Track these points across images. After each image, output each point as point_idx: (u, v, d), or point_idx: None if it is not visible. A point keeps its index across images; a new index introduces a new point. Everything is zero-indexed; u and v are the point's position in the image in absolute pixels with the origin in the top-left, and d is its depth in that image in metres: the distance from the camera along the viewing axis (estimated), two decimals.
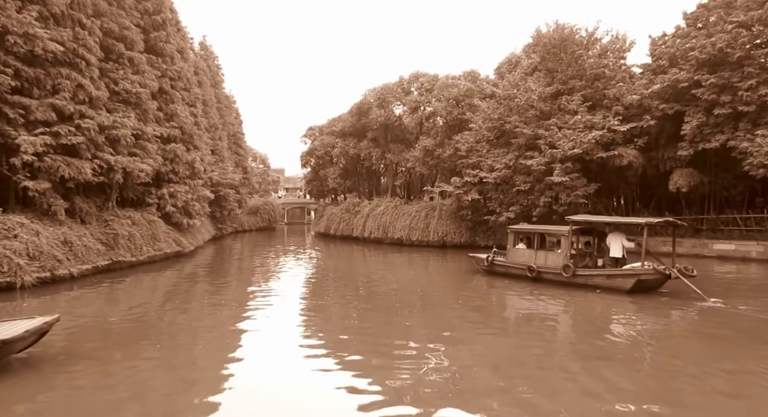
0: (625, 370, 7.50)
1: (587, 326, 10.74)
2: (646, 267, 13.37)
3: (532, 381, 7.07)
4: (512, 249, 17.14)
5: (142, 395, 6.60)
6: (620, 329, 10.25)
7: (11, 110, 16.13)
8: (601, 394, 6.52)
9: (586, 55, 26.25)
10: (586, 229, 15.91)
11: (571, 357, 8.23)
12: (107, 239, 19.67)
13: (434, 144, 34.60)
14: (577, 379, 7.10)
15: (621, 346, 8.97)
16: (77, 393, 6.69)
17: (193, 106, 30.87)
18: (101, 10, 20.71)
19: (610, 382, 6.98)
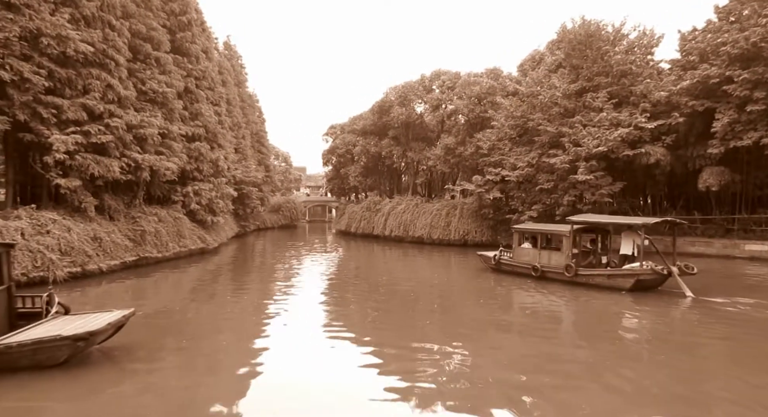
0: (645, 369, 7.36)
1: (598, 325, 10.84)
2: (644, 267, 13.70)
3: (551, 382, 6.98)
4: (517, 248, 17.50)
5: (177, 389, 6.77)
6: (630, 328, 10.54)
7: (45, 110, 16.66)
8: (625, 393, 6.41)
9: (613, 51, 25.70)
10: (589, 228, 16.09)
11: (589, 354, 8.12)
12: (134, 236, 20.16)
13: (456, 142, 34.40)
14: (600, 378, 6.99)
15: (631, 345, 8.81)
16: (156, 383, 7.05)
17: (218, 105, 31.36)
18: (130, 11, 21.20)
19: (632, 381, 6.86)
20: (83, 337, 7.08)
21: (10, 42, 15.01)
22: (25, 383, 6.71)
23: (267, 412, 6.07)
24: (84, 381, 6.94)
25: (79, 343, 7.14)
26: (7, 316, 7.91)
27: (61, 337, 6.91)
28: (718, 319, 11.13)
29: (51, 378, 6.89)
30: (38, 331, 7.33)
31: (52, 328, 7.43)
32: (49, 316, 8.07)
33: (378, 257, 26.54)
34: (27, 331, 7.28)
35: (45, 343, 6.88)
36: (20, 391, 6.51)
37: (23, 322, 7.84)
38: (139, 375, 7.24)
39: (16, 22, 15.19)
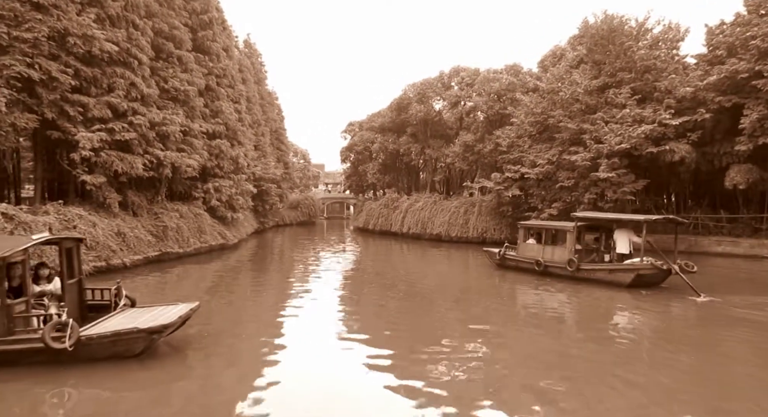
0: (658, 366, 7.23)
1: (603, 322, 10.87)
2: (644, 262, 13.86)
3: (568, 379, 6.91)
4: (522, 244, 17.87)
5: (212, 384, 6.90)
6: (627, 324, 10.65)
7: (71, 108, 17.11)
8: (643, 391, 6.31)
9: (636, 46, 25.14)
10: (593, 225, 16.36)
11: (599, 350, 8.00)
12: (157, 231, 20.57)
13: (474, 139, 34.16)
14: (617, 377, 6.89)
15: (641, 343, 8.66)
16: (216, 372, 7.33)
17: (238, 102, 31.72)
18: (153, 10, 21.57)
19: (648, 377, 6.74)
20: (158, 329, 7.29)
21: (39, 42, 15.42)
22: (105, 373, 6.92)
23: (291, 410, 6.13)
24: (157, 371, 7.16)
25: (154, 336, 7.37)
26: (78, 308, 8.14)
27: (138, 329, 7.10)
28: (724, 318, 11.02)
29: (128, 369, 7.08)
30: (112, 323, 7.52)
31: (125, 320, 7.62)
32: (118, 308, 8.28)
33: (396, 254, 26.57)
34: (101, 323, 7.47)
35: (123, 335, 7.08)
36: (101, 381, 6.72)
37: (93, 314, 8.06)
38: (201, 368, 7.45)
39: (44, 23, 15.59)
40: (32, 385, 6.50)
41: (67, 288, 8.00)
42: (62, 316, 6.86)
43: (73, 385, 6.57)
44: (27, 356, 6.89)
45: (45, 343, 6.56)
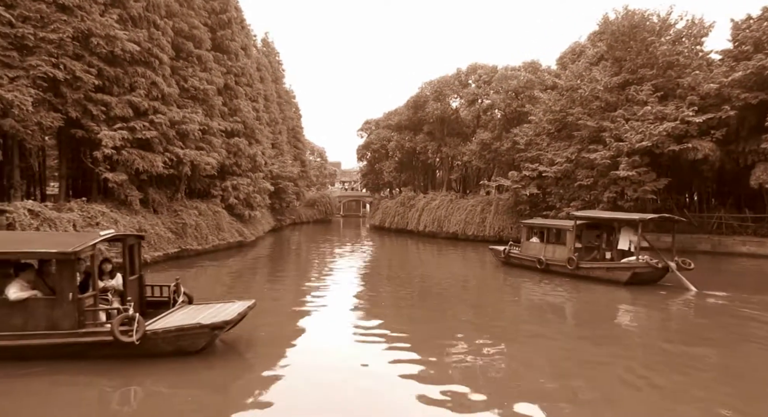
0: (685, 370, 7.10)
1: (603, 319, 10.87)
2: (640, 261, 14.21)
3: (588, 380, 6.83)
4: (525, 242, 18.25)
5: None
6: (631, 322, 10.51)
7: (94, 107, 17.47)
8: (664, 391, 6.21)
9: (659, 42, 24.63)
10: (594, 224, 16.67)
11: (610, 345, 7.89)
12: (176, 228, 20.90)
13: (492, 137, 33.91)
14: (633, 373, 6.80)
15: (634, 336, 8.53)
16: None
17: (255, 101, 32.03)
18: (173, 10, 21.89)
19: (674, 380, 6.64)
20: (220, 326, 7.36)
21: (63, 42, 15.77)
22: (168, 368, 7.01)
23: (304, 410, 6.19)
24: (219, 368, 7.19)
25: (216, 332, 7.47)
26: (138, 304, 8.26)
27: (201, 325, 7.19)
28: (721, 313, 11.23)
29: (190, 364, 7.15)
30: (173, 319, 7.61)
31: (185, 316, 7.70)
32: (177, 305, 8.38)
33: (411, 253, 26.54)
34: (162, 319, 7.59)
35: (187, 331, 7.18)
36: (165, 376, 6.80)
37: (152, 310, 8.19)
38: (260, 365, 7.47)
39: (69, 23, 15.94)
40: (100, 378, 6.63)
41: (128, 284, 8.17)
42: (129, 310, 6.99)
43: (139, 381, 6.66)
44: (95, 349, 7.04)
45: (114, 336, 6.69)
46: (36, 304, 6.92)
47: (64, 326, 6.87)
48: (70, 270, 6.94)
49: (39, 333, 6.83)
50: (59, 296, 6.89)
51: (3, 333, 6.79)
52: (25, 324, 6.85)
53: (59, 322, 6.86)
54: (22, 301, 6.85)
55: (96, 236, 7.47)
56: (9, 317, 6.83)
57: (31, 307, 6.89)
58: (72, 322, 6.88)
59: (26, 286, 7.06)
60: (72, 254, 6.77)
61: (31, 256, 7.29)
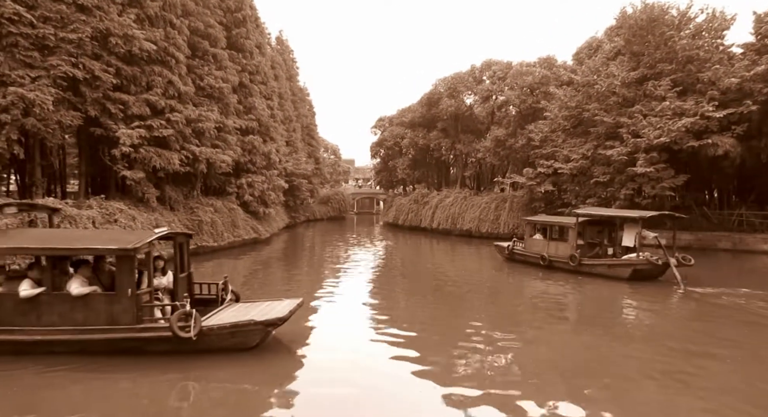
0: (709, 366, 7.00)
1: (602, 312, 10.76)
2: (640, 257, 14.51)
3: (606, 378, 6.77)
4: (529, 239, 18.54)
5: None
6: (636, 318, 10.42)
7: (113, 106, 17.76)
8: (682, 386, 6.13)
9: (678, 36, 24.13)
10: (596, 221, 16.84)
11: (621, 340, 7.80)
12: (192, 225, 21.17)
13: (506, 134, 33.65)
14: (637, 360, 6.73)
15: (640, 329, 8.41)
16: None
17: (270, 99, 32.22)
18: (189, 9, 22.12)
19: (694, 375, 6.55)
20: (274, 322, 7.45)
21: (83, 42, 16.05)
22: (223, 364, 7.09)
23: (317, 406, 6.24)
24: (271, 364, 7.28)
25: (270, 329, 7.58)
26: (188, 302, 8.34)
27: (255, 322, 7.26)
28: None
29: (244, 360, 7.24)
30: (224, 316, 7.67)
31: (236, 314, 7.75)
32: (226, 302, 8.44)
33: (425, 250, 26.51)
34: (214, 316, 7.64)
35: (241, 327, 7.25)
36: (221, 372, 6.88)
37: (200, 308, 8.24)
38: (313, 361, 7.49)
39: (88, 24, 16.22)
40: (159, 373, 6.74)
41: (178, 281, 8.30)
42: (186, 306, 7.09)
43: (195, 375, 6.77)
44: (153, 344, 7.16)
45: (173, 331, 6.79)
46: (96, 300, 7.08)
47: (123, 321, 7.00)
48: (130, 266, 7.06)
49: (99, 328, 6.97)
50: (118, 292, 7.04)
51: (65, 327, 6.96)
52: (85, 319, 7.00)
53: (118, 317, 7.01)
54: (83, 297, 7.01)
55: (151, 234, 7.58)
56: (70, 312, 6.99)
57: (92, 302, 7.05)
58: (131, 317, 7.01)
59: (85, 281, 7.21)
60: (132, 251, 6.90)
61: (93, 252, 7.47)
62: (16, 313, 6.97)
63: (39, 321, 6.97)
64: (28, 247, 7.39)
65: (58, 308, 7.00)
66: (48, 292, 7.01)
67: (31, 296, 6.92)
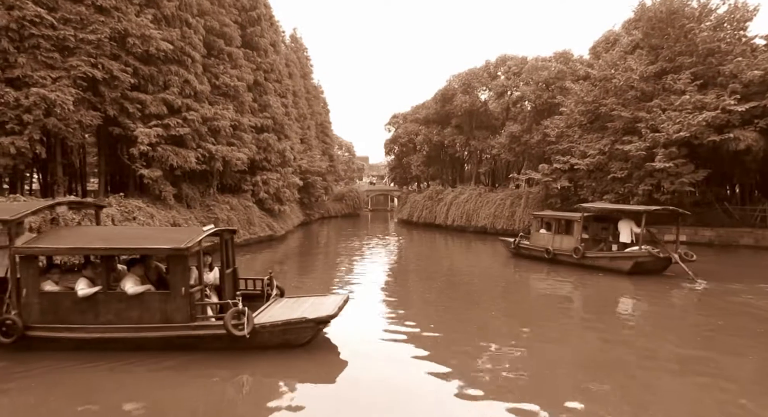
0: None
1: (605, 305, 10.68)
2: (642, 251, 14.66)
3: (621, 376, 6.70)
4: (535, 233, 18.89)
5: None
6: (634, 311, 10.52)
7: (131, 105, 18.05)
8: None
9: (698, 29, 23.58)
10: (601, 216, 17.29)
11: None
12: (209, 222, 21.41)
13: (521, 130, 33.34)
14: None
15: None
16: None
17: (284, 97, 32.40)
18: (204, 9, 22.33)
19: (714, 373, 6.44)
20: (326, 320, 7.50)
21: (101, 43, 16.33)
22: (275, 362, 7.14)
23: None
24: (321, 361, 7.28)
25: (321, 326, 7.64)
26: (233, 297, 8.34)
27: (307, 319, 7.30)
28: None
29: (296, 357, 7.27)
30: (273, 312, 7.72)
31: (283, 310, 7.81)
32: (272, 298, 8.49)
33: (440, 247, 26.45)
34: (263, 313, 7.67)
35: (293, 325, 7.29)
36: (274, 369, 6.94)
37: (246, 304, 8.20)
38: (359, 359, 7.43)
39: (106, 24, 16.49)
40: (214, 371, 6.77)
41: (225, 277, 8.39)
42: (239, 304, 7.12)
43: (250, 372, 6.83)
44: (206, 342, 7.22)
45: (227, 329, 6.83)
46: (150, 298, 7.18)
47: (177, 319, 7.09)
48: (183, 265, 7.12)
49: (154, 326, 7.09)
50: (172, 290, 7.12)
51: (122, 325, 7.10)
52: (140, 317, 7.12)
53: (172, 315, 7.09)
54: (138, 295, 7.13)
55: (201, 231, 7.62)
56: (126, 310, 7.12)
57: (146, 300, 7.15)
58: (185, 315, 7.09)
59: (138, 280, 7.34)
60: (185, 250, 6.95)
61: (150, 252, 7.58)
62: (74, 311, 7.13)
63: (96, 319, 7.12)
64: (89, 247, 7.46)
65: (114, 306, 7.14)
66: (104, 290, 7.16)
67: (88, 295, 7.08)
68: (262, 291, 8.70)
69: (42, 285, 7.29)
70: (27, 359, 6.96)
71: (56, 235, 7.95)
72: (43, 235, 7.88)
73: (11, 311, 7.12)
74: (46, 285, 7.36)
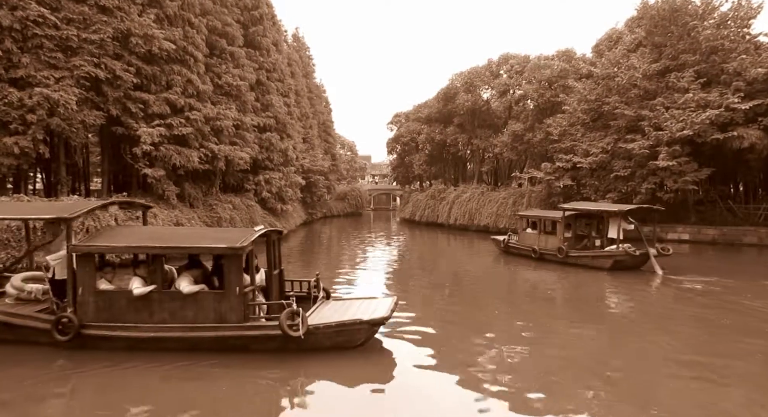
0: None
1: (592, 301, 10.64)
2: (619, 249, 15.52)
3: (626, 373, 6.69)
4: (522, 232, 19.42)
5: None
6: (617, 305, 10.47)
7: (133, 105, 18.09)
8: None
9: (702, 26, 23.50)
10: (583, 214, 17.69)
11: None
12: (212, 222, 21.48)
13: (524, 128, 33.28)
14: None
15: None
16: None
17: (287, 96, 32.43)
18: (207, 8, 22.37)
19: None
20: (380, 321, 7.38)
21: (104, 43, 16.38)
22: (329, 363, 7.02)
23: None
24: (376, 363, 7.20)
25: (375, 328, 7.51)
26: (279, 299, 8.25)
27: (361, 321, 7.20)
28: None
29: (350, 359, 7.17)
30: (323, 314, 7.62)
31: (335, 312, 7.72)
32: (319, 300, 8.36)
33: (442, 245, 26.43)
34: (313, 314, 7.56)
35: (348, 326, 7.19)
36: (327, 371, 6.80)
37: None
38: (414, 360, 7.32)
39: (109, 24, 16.55)
40: (267, 372, 6.74)
41: (272, 278, 8.30)
42: (292, 305, 7.07)
43: (304, 373, 6.78)
44: (259, 343, 7.15)
45: (283, 330, 6.75)
46: (205, 298, 7.14)
47: (231, 320, 7.03)
48: (238, 265, 7.05)
49: (209, 326, 7.04)
50: (227, 290, 7.07)
51: (176, 325, 7.07)
52: (195, 317, 7.09)
53: (226, 315, 7.04)
54: (192, 295, 7.11)
55: (253, 231, 7.60)
56: (180, 310, 7.10)
57: (201, 300, 7.12)
58: (239, 315, 7.03)
59: (191, 280, 7.32)
60: (240, 249, 6.92)
61: (205, 251, 7.52)
62: (129, 309, 7.12)
63: (151, 318, 7.11)
64: (146, 245, 7.37)
65: (168, 306, 7.12)
66: (158, 289, 7.15)
67: (143, 294, 7.08)
68: (308, 293, 8.56)
69: (97, 283, 7.29)
70: (81, 358, 6.96)
71: (111, 233, 7.87)
72: (98, 233, 7.85)
73: (67, 309, 7.15)
74: (100, 283, 7.37)
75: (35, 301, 7.93)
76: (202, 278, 7.58)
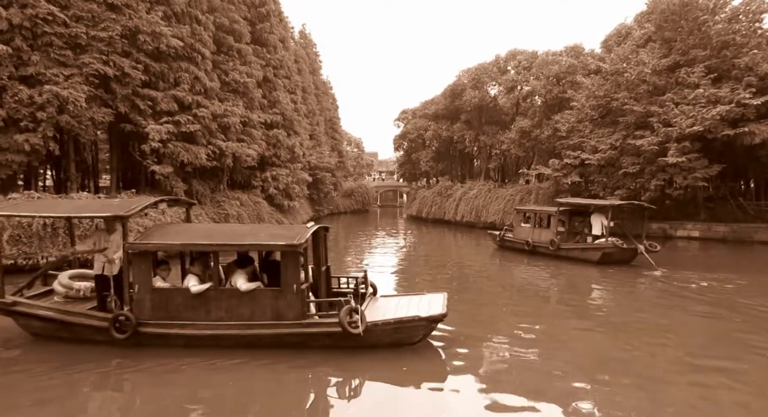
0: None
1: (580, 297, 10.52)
2: (608, 242, 15.91)
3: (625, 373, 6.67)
4: (517, 227, 20.02)
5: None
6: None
7: (142, 102, 18.21)
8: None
9: (713, 21, 23.18)
10: (577, 209, 18.18)
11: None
12: (219, 219, 21.58)
13: (531, 125, 33.08)
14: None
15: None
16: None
17: (294, 93, 32.46)
18: (214, 5, 22.42)
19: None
20: (438, 318, 7.29)
21: (113, 40, 16.48)
22: (386, 361, 6.99)
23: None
24: (434, 360, 7.18)
25: (433, 324, 7.43)
26: (326, 295, 8.28)
27: (420, 317, 7.14)
28: None
29: (406, 357, 7.11)
30: (375, 311, 7.58)
31: (388, 309, 7.67)
32: (367, 296, 8.22)
33: (449, 243, 26.39)
34: (366, 311, 7.40)
35: (406, 323, 7.13)
36: (385, 369, 6.76)
37: None
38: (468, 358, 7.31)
39: (118, 22, 16.63)
40: (327, 370, 6.73)
41: (320, 275, 8.27)
42: (351, 302, 6.98)
43: (363, 370, 6.71)
44: (317, 340, 7.15)
45: (343, 327, 6.69)
46: (262, 295, 7.12)
47: (288, 317, 7.00)
48: (295, 261, 7.00)
49: (267, 323, 7.03)
50: (284, 287, 7.01)
51: (233, 322, 7.05)
52: (252, 314, 7.06)
53: (284, 312, 7.01)
54: (249, 292, 7.09)
55: (307, 228, 7.54)
56: (237, 307, 7.08)
57: (258, 297, 7.09)
58: (296, 312, 7.00)
59: (247, 277, 7.31)
60: (298, 246, 6.86)
61: (262, 248, 7.52)
62: (185, 307, 7.11)
63: (207, 316, 7.09)
64: (203, 243, 7.30)
65: (225, 303, 7.09)
66: (215, 287, 7.13)
67: (200, 292, 7.07)
68: (355, 289, 8.36)
69: (153, 281, 7.30)
70: (138, 355, 6.98)
71: (164, 231, 7.81)
72: (152, 230, 7.87)
73: (124, 307, 7.16)
74: (156, 281, 7.37)
75: (83, 298, 7.92)
76: (252, 275, 7.55)
